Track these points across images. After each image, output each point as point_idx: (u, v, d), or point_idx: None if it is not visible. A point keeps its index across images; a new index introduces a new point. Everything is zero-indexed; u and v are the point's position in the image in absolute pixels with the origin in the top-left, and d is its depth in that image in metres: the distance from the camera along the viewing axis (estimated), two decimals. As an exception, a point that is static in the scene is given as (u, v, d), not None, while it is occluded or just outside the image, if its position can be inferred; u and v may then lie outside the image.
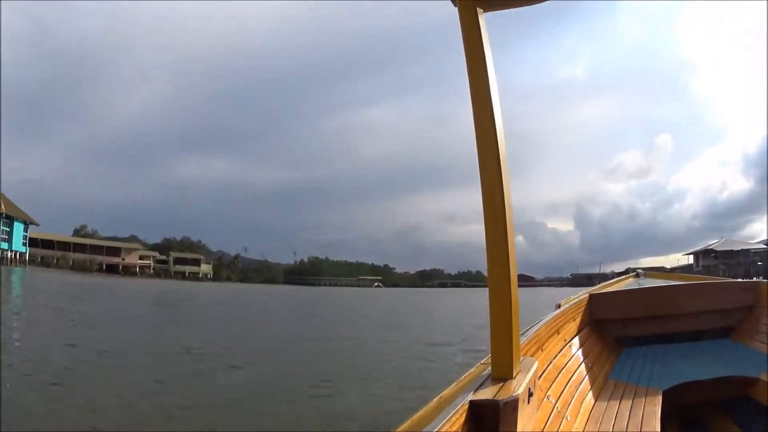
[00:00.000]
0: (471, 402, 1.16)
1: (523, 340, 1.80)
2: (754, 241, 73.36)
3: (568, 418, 1.94)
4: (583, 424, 2.04)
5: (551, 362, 2.16)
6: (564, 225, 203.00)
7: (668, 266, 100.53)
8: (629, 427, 2.01)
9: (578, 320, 3.00)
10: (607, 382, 2.63)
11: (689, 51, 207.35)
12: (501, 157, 1.33)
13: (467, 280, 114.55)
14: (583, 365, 2.56)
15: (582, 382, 2.36)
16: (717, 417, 2.68)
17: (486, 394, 1.21)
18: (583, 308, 3.18)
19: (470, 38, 1.35)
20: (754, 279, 39.81)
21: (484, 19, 1.39)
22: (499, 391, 1.23)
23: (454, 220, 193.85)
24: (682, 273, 62.25)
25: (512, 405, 1.19)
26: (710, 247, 71.68)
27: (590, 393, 2.34)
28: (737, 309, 3.48)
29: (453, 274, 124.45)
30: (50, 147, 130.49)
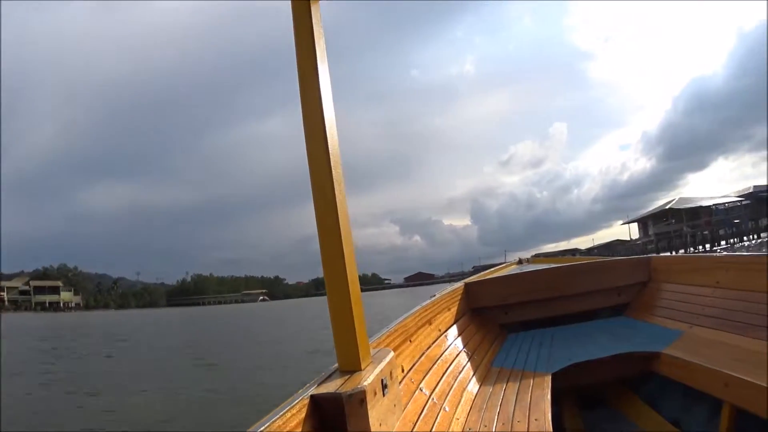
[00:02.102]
0: (312, 396, 1.08)
1: (384, 331, 1.75)
2: (718, 196, 57.81)
3: (447, 409, 1.85)
4: (465, 414, 1.95)
5: (424, 353, 2.07)
6: (461, 221, 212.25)
7: (595, 242, 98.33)
8: (516, 412, 1.93)
9: (454, 309, 2.93)
10: (491, 369, 2.56)
11: (583, 40, 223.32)
12: (332, 158, 1.22)
13: (363, 283, 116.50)
14: (462, 354, 2.48)
15: (461, 371, 2.28)
16: (620, 394, 2.69)
17: (329, 387, 1.13)
18: (459, 297, 3.14)
19: (300, 30, 1.24)
20: (731, 241, 44.38)
21: (319, 8, 1.30)
22: (343, 383, 1.15)
23: (354, 224, 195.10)
24: (621, 246, 66.63)
25: (358, 398, 1.11)
26: (667, 207, 55.36)
27: (472, 382, 2.26)
28: (631, 285, 3.51)
29: None
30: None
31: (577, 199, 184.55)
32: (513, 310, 3.43)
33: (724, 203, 53.77)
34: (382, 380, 1.26)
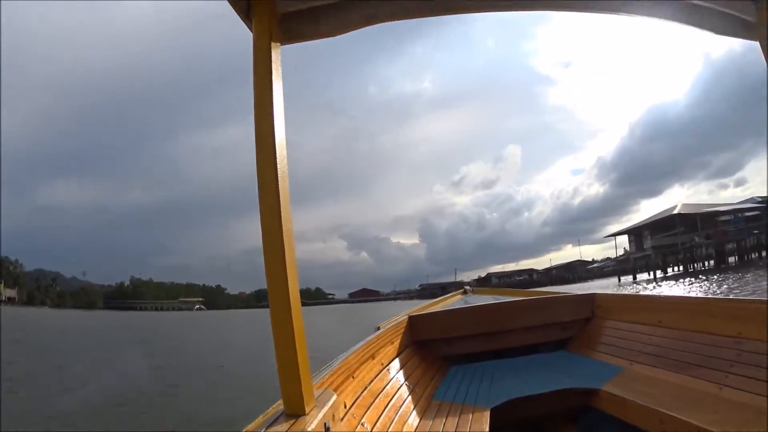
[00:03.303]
0: None
1: (328, 370, 1.79)
2: (731, 203, 49.15)
3: None
4: None
5: (366, 388, 2.11)
6: (409, 239, 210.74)
7: (553, 263, 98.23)
8: None
9: (397, 342, 2.95)
10: (432, 403, 2.57)
11: (543, 64, 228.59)
12: (281, 189, 1.28)
13: (306, 297, 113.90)
14: (404, 388, 2.51)
15: (402, 405, 2.31)
16: (559, 428, 2.68)
17: None
18: (402, 330, 3.17)
19: (260, 70, 1.32)
20: (753, 256, 39.91)
21: (279, 51, 1.38)
22: (289, 429, 1.17)
23: (300, 238, 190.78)
24: (611, 262, 65.78)
25: None
26: (675, 213, 44.55)
27: (413, 415, 2.29)
28: (574, 321, 3.55)
29: None
30: None
31: (527, 222, 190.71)
32: (456, 342, 3.45)
33: (741, 209, 44.22)
34: (325, 424, 1.30)
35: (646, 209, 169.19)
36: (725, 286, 20.14)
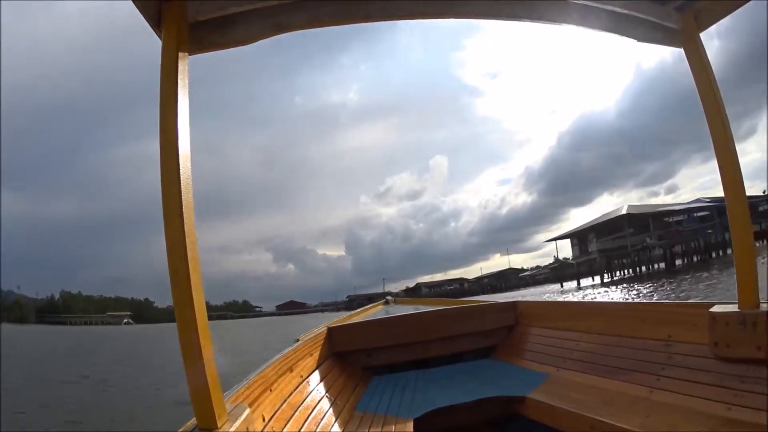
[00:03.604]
0: None
1: (243, 383, 1.75)
2: (683, 203, 47.21)
3: None
4: None
5: (285, 401, 2.05)
6: (335, 250, 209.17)
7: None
8: None
9: (316, 354, 2.89)
10: (354, 414, 2.52)
11: (471, 75, 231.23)
12: (185, 205, 1.28)
13: (234, 311, 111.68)
14: (324, 400, 2.45)
15: (324, 417, 2.26)
16: None
17: None
18: (321, 342, 3.09)
19: (167, 80, 1.33)
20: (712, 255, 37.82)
21: (187, 61, 1.39)
22: None
23: (228, 250, 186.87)
24: (557, 266, 59.16)
25: None
26: (624, 214, 41.84)
27: (334, 427, 2.25)
28: (498, 329, 3.53)
29: (219, 305, 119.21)
30: None
31: (454, 232, 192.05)
32: (377, 353, 3.37)
33: (692, 208, 42.40)
34: None
35: (576, 217, 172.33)
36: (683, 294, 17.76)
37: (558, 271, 73.09)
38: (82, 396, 9.79)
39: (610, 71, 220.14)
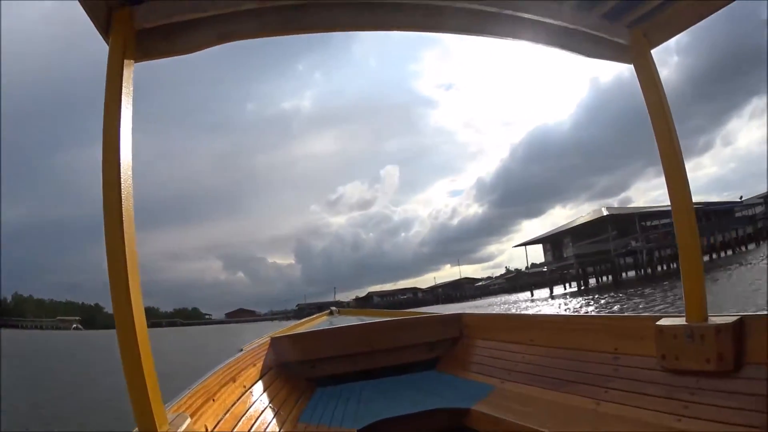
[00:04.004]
0: None
1: (185, 393, 1.73)
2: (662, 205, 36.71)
3: None
4: None
5: (228, 411, 2.02)
6: (285, 259, 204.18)
7: (437, 281, 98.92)
8: None
9: (260, 365, 2.82)
10: (297, 425, 2.46)
11: (426, 86, 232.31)
12: (126, 214, 1.31)
13: (183, 318, 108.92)
14: (268, 411, 2.40)
15: (267, 428, 2.24)
16: None
17: None
18: (265, 352, 3.03)
19: (112, 86, 1.37)
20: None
21: (132, 68, 1.43)
22: None
23: (179, 257, 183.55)
24: (536, 271, 54.45)
25: None
26: (606, 215, 37.49)
27: None
28: (443, 341, 3.48)
29: (169, 311, 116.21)
30: None
31: (404, 242, 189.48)
32: (321, 364, 3.34)
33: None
34: None
35: (527, 229, 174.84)
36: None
37: (513, 281, 75.11)
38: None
39: (567, 85, 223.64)
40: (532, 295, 46.08)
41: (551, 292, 43.60)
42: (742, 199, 43.54)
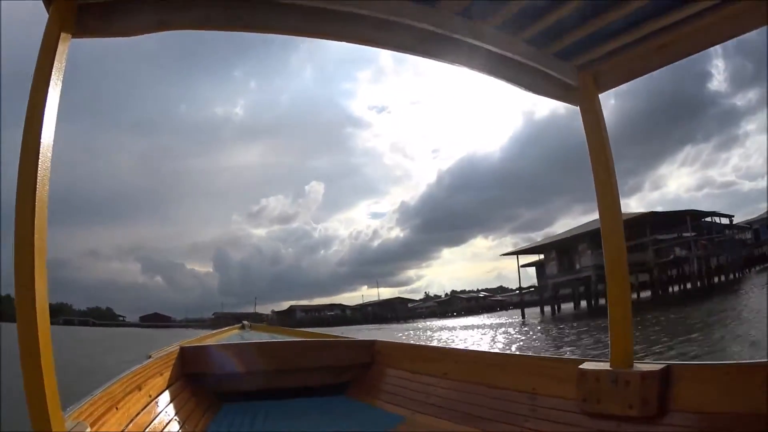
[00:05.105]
0: None
1: (87, 399, 1.66)
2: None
3: None
4: None
5: (132, 420, 1.97)
6: (203, 267, 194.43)
7: (365, 299, 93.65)
8: None
9: (167, 374, 2.72)
10: None
11: (357, 107, 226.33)
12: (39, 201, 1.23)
13: (96, 317, 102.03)
14: (173, 423, 2.35)
15: None
16: None
17: None
18: (173, 361, 2.90)
19: (44, 60, 1.31)
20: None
21: (68, 44, 1.37)
22: None
23: (97, 255, 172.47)
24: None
25: None
26: (638, 214, 30.69)
27: None
28: (353, 366, 3.43)
29: (83, 310, 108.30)
30: None
31: (323, 260, 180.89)
32: (229, 379, 3.24)
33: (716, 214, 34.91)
34: None
35: (447, 257, 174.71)
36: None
37: (445, 306, 75.71)
38: None
39: (501, 116, 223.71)
40: (523, 316, 38.16)
41: (558, 309, 37.18)
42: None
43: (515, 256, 42.43)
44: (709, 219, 35.65)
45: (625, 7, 1.74)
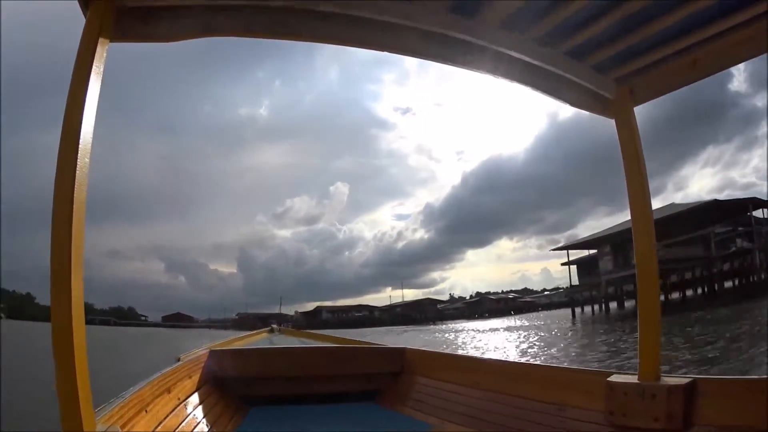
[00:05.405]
0: None
1: (117, 402, 1.67)
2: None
3: None
4: None
5: (161, 423, 1.99)
6: (227, 267, 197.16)
7: (393, 300, 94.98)
8: None
9: (196, 377, 2.75)
10: None
11: (382, 108, 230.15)
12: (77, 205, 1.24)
13: (118, 317, 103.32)
14: (201, 426, 2.37)
15: None
16: None
17: None
18: (202, 364, 2.94)
19: (82, 62, 1.31)
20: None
21: (106, 47, 1.37)
22: None
23: (119, 255, 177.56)
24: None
25: None
26: (706, 201, 30.88)
27: None
28: (383, 374, 3.37)
29: (106, 309, 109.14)
30: None
31: (347, 261, 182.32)
32: (257, 383, 3.22)
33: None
34: None
35: (472, 258, 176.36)
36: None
37: (474, 307, 76.81)
38: None
39: (525, 117, 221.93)
40: (573, 315, 37.39)
41: (606, 308, 36.05)
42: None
43: (565, 251, 41.65)
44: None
45: (663, 21, 1.77)
